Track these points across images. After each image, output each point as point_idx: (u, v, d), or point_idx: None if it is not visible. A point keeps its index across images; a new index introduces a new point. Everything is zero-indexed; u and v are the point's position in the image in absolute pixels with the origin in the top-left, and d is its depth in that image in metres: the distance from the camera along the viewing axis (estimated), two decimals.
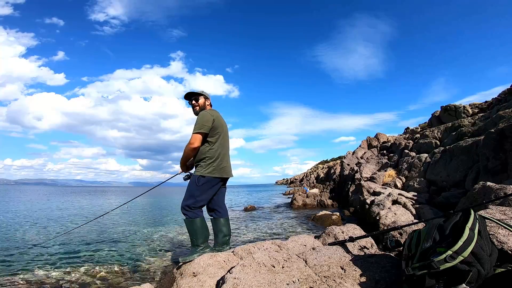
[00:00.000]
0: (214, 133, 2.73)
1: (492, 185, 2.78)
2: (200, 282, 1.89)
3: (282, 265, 1.82)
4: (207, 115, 2.71)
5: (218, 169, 2.71)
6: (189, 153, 2.74)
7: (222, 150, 2.79)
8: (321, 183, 24.59)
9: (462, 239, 1.19)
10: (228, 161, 2.91)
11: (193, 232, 2.67)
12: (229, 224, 2.92)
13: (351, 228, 2.54)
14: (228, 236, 2.85)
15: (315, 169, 51.43)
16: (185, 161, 2.84)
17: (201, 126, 2.66)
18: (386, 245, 1.90)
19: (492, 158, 4.77)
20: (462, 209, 1.48)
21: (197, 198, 2.65)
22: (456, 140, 7.94)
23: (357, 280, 1.61)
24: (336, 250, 2.01)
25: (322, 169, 41.54)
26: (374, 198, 5.77)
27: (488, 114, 8.64)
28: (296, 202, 10.61)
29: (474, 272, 1.15)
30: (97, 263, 3.53)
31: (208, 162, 2.68)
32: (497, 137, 4.75)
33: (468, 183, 5.43)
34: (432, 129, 10.90)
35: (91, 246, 4.47)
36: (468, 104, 12.07)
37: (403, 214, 4.66)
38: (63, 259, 3.75)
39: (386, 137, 17.65)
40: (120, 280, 2.93)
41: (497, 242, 1.48)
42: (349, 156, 16.06)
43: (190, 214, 2.66)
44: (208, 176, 2.65)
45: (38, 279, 2.98)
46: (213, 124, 2.69)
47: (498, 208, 1.89)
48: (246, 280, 1.60)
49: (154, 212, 10.22)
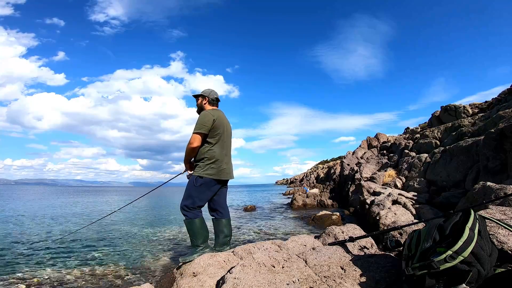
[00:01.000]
0: (215, 134, 2.71)
1: (492, 185, 2.79)
2: (200, 282, 1.89)
3: (282, 265, 1.82)
4: (208, 115, 2.69)
5: (217, 171, 2.69)
6: (189, 153, 2.73)
7: (222, 151, 2.76)
8: (321, 183, 24.59)
9: (462, 239, 1.19)
10: (229, 162, 2.87)
11: (193, 232, 2.67)
12: (231, 225, 2.91)
13: (351, 228, 2.54)
14: (229, 237, 2.85)
15: (315, 169, 51.43)
16: (187, 160, 2.83)
17: (200, 126, 2.65)
18: (386, 245, 1.90)
19: (492, 158, 4.77)
20: (462, 209, 1.48)
21: (195, 199, 2.64)
22: (456, 140, 7.94)
23: (357, 280, 1.61)
24: (336, 250, 2.01)
25: (322, 169, 41.54)
26: (374, 198, 5.77)
27: (488, 114, 8.64)
28: (296, 202, 10.61)
29: (474, 272, 1.15)
30: (97, 263, 3.53)
31: (207, 162, 2.66)
32: (497, 137, 4.75)
33: (468, 183, 5.43)
34: (432, 129, 10.90)
35: (91, 246, 4.47)
36: (468, 104, 12.08)
37: (403, 214, 4.66)
38: (63, 259, 3.75)
39: (386, 137, 17.65)
40: (120, 280, 2.93)
41: (497, 242, 1.48)
42: (349, 156, 16.06)
43: (189, 214, 2.66)
44: (206, 177, 2.64)
45: (39, 279, 2.99)
46: (213, 124, 2.67)
47: (498, 208, 1.89)
48: (246, 280, 1.60)
49: (154, 212, 10.22)
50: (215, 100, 2.97)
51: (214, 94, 2.96)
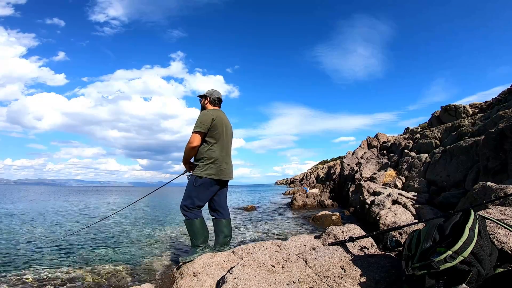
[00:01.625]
0: (214, 133, 2.71)
1: (492, 185, 2.79)
2: (200, 282, 1.90)
3: (282, 265, 1.82)
4: (207, 115, 2.71)
5: (217, 171, 2.68)
6: (189, 152, 2.73)
7: (222, 151, 2.76)
8: (321, 183, 24.58)
9: (462, 239, 1.19)
10: (229, 162, 2.87)
11: (193, 232, 2.68)
12: (231, 225, 2.92)
13: (351, 228, 2.54)
14: (229, 237, 2.85)
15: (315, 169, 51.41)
16: (187, 160, 2.84)
17: (199, 125, 2.66)
18: (386, 245, 1.90)
19: (492, 158, 4.76)
20: (462, 209, 1.48)
21: (194, 199, 2.65)
22: (456, 140, 7.94)
23: (357, 280, 1.61)
24: (336, 250, 2.01)
25: (322, 169, 41.53)
26: (374, 198, 5.77)
27: (488, 114, 8.64)
28: (296, 202, 10.60)
29: (474, 272, 1.15)
30: (97, 263, 3.53)
31: (206, 162, 2.66)
32: (497, 137, 4.75)
33: (468, 183, 5.43)
34: (432, 129, 10.90)
35: (91, 246, 4.47)
36: (468, 104, 12.08)
37: (403, 214, 4.66)
38: (63, 259, 3.75)
39: (386, 137, 17.65)
40: (120, 280, 2.93)
41: (497, 242, 1.48)
42: (349, 156, 16.06)
43: (189, 214, 2.67)
44: (206, 177, 2.64)
45: (39, 278, 2.99)
46: (212, 123, 2.68)
47: (498, 208, 1.89)
48: (246, 280, 1.60)
49: (154, 212, 10.22)
50: (217, 100, 2.98)
51: (216, 94, 2.97)
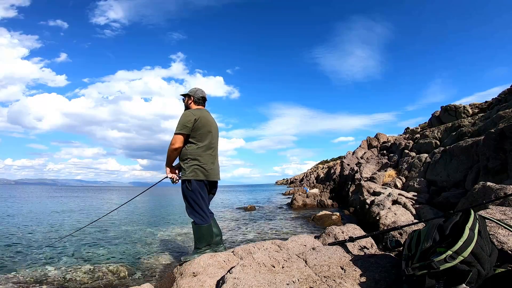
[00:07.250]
0: (197, 134, 2.66)
1: (492, 185, 2.79)
2: (200, 282, 1.89)
3: (282, 265, 1.82)
4: (189, 115, 2.65)
5: (204, 171, 2.65)
6: (171, 154, 2.69)
7: (207, 150, 2.70)
8: (321, 183, 24.58)
9: (462, 239, 1.19)
10: (215, 163, 2.81)
11: (197, 236, 2.69)
12: (217, 223, 2.92)
13: (351, 228, 2.54)
14: (219, 236, 2.85)
15: (315, 169, 51.40)
16: (169, 163, 2.80)
17: (181, 126, 2.61)
18: (386, 245, 1.90)
19: (492, 158, 4.77)
20: (462, 209, 1.48)
21: (197, 202, 2.65)
22: (456, 140, 7.94)
23: (357, 280, 1.61)
24: (336, 250, 2.01)
25: (322, 169, 41.52)
26: (374, 198, 5.77)
27: (488, 114, 8.64)
28: (296, 202, 10.60)
29: (474, 272, 1.15)
30: (97, 263, 3.52)
31: (191, 163, 2.62)
32: (497, 137, 4.75)
33: (468, 183, 5.43)
34: (432, 129, 10.90)
35: (91, 246, 4.47)
36: (468, 104, 12.08)
37: (403, 214, 4.66)
38: (63, 258, 3.75)
39: (386, 137, 17.66)
40: (120, 280, 2.93)
41: (497, 242, 1.48)
42: (349, 156, 16.07)
43: (196, 219, 2.67)
44: (195, 180, 2.63)
45: (38, 278, 2.99)
46: (195, 124, 2.63)
47: (498, 208, 1.89)
48: (246, 280, 1.60)
49: (154, 212, 10.22)
50: (201, 99, 2.89)
51: (200, 93, 2.88)
